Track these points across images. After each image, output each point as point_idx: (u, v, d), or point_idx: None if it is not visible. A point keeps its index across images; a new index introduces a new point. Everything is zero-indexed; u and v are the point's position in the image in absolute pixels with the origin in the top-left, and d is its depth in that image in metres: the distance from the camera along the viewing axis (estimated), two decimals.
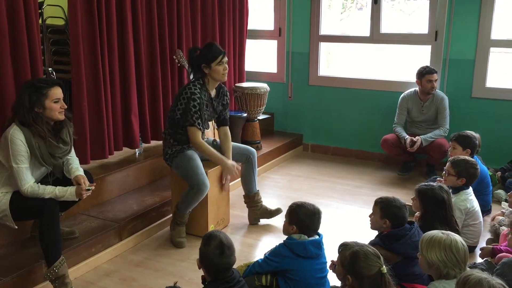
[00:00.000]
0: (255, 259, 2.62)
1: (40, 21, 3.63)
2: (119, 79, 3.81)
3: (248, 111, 4.97)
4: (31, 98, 2.67)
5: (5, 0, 2.96)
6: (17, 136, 2.64)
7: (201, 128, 3.35)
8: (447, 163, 3.27)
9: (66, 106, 2.80)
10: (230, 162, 3.44)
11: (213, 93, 3.47)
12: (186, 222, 3.42)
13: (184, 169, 3.32)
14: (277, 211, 3.73)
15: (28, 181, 2.68)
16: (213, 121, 3.67)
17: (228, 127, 3.63)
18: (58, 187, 2.74)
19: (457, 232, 2.64)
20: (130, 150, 4.06)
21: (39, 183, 2.74)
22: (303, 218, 2.51)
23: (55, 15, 4.91)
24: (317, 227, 2.55)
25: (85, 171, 3.02)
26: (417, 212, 2.96)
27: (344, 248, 2.15)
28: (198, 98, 3.29)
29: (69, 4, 3.42)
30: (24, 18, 3.06)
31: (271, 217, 3.75)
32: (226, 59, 3.39)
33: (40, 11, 4.05)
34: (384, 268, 2.05)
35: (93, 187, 2.84)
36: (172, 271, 3.08)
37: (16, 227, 2.80)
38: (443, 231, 2.19)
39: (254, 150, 3.71)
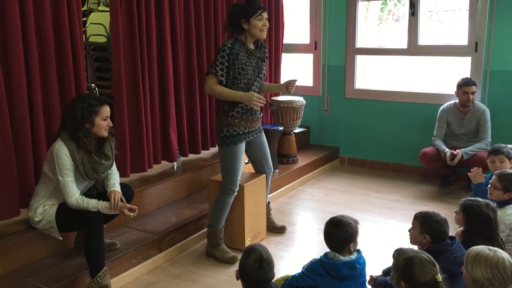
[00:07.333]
0: (293, 273, 2.61)
1: (83, 39, 3.77)
2: (158, 94, 3.91)
3: (284, 124, 4.98)
4: (83, 113, 2.76)
5: (52, 20, 3.09)
6: (62, 151, 2.74)
7: (222, 79, 3.20)
8: (493, 177, 3.17)
9: (112, 125, 2.89)
10: (249, 93, 3.23)
11: (252, 46, 3.36)
12: (223, 238, 3.43)
13: (225, 163, 3.35)
14: (282, 228, 3.85)
15: (74, 194, 2.77)
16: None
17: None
18: (100, 201, 2.82)
19: (503, 250, 2.56)
20: (168, 163, 4.15)
21: (84, 196, 2.83)
22: (332, 237, 2.49)
23: (98, 33, 5.08)
24: (350, 240, 2.48)
25: (126, 185, 3.11)
26: (460, 227, 2.89)
27: (398, 253, 2.14)
28: (229, 48, 3.20)
29: (111, 22, 3.55)
30: (70, 37, 3.18)
31: (274, 232, 3.81)
32: (266, 15, 3.28)
33: (83, 29, 4.21)
34: (439, 277, 2.01)
35: (134, 214, 2.90)
36: (210, 283, 3.11)
37: (61, 238, 2.90)
38: (490, 248, 2.12)
39: (272, 168, 3.69)
